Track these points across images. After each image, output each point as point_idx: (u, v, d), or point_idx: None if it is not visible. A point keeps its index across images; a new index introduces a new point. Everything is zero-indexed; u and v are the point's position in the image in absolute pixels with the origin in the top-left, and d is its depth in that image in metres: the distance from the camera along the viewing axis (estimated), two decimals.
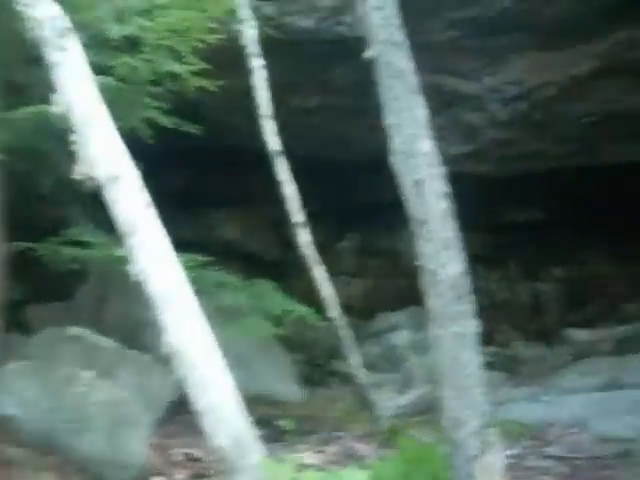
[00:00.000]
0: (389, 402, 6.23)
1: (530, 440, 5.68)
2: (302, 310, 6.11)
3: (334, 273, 6.37)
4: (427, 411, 6.48)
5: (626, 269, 11.34)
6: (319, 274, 5.98)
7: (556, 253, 11.44)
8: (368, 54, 3.95)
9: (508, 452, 4.38)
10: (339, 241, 11.22)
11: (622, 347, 8.81)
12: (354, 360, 6.04)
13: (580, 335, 9.06)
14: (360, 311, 9.37)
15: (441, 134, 4.10)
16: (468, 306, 3.77)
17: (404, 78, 3.83)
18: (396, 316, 9.47)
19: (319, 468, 4.10)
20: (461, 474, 3.47)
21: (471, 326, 3.75)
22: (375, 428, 5.66)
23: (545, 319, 10.93)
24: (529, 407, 6.64)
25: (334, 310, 6.02)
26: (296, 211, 5.98)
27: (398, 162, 3.84)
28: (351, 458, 4.94)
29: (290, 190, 5.95)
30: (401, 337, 8.77)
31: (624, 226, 10.53)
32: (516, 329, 10.49)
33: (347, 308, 6.40)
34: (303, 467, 3.36)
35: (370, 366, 6.69)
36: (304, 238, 5.98)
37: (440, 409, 6.49)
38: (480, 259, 8.52)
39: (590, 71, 6.90)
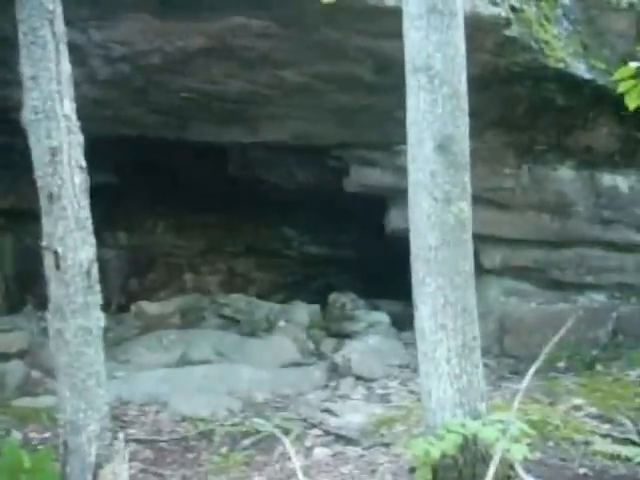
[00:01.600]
0: None
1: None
2: None
3: None
4: None
5: (188, 241, 11.72)
6: None
7: (122, 219, 11.27)
8: None
9: None
10: None
11: (186, 319, 9.00)
12: None
13: (147, 307, 9.00)
14: None
15: None
16: (96, 297, 3.40)
17: (52, 21, 3.27)
18: None
19: None
20: None
21: (98, 319, 3.40)
22: None
23: (108, 287, 10.66)
24: None
25: None
26: None
27: (32, 123, 3.27)
28: None
29: None
30: None
31: (192, 200, 10.84)
32: None
33: None
34: None
35: None
36: None
37: None
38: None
39: (198, 48, 6.81)
